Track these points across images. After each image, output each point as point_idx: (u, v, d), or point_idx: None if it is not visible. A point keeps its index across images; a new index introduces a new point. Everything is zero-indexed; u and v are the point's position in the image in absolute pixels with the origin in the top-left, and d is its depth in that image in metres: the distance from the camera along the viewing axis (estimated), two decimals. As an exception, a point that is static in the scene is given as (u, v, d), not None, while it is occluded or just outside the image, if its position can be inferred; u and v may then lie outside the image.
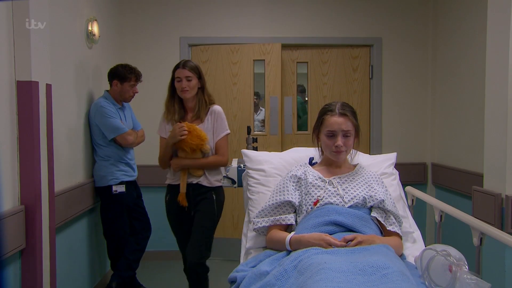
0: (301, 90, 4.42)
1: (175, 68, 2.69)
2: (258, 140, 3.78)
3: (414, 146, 4.28)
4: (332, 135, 1.92)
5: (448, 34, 3.90)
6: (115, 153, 3.14)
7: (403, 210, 2.12)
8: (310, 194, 1.89)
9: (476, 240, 1.94)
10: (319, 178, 1.94)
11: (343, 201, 1.86)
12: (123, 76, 3.13)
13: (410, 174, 4.13)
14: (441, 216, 2.26)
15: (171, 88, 2.72)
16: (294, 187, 1.94)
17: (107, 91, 3.21)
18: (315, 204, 1.86)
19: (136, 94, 3.23)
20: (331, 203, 1.85)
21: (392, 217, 1.87)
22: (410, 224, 2.11)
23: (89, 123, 3.15)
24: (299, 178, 1.95)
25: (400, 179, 2.27)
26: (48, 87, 2.30)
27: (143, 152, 3.80)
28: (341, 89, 4.29)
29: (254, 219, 1.97)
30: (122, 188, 3.13)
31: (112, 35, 3.80)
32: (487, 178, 2.69)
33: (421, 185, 4.17)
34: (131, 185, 3.24)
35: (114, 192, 3.11)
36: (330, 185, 1.91)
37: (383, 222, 1.84)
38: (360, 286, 1.37)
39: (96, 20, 3.21)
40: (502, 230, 2.45)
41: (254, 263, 1.79)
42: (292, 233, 1.81)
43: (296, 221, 1.90)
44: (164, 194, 2.83)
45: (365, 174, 1.99)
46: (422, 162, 4.26)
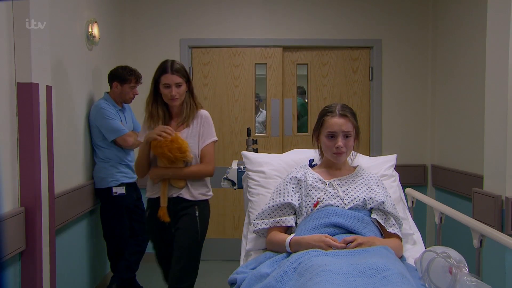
0: (301, 92, 4.42)
1: (162, 72, 2.35)
2: (259, 142, 3.78)
3: (414, 147, 4.27)
4: (332, 136, 1.92)
5: (448, 35, 3.91)
6: (115, 154, 3.14)
7: (403, 212, 2.12)
8: (310, 196, 1.89)
9: (476, 242, 1.94)
10: (319, 180, 1.94)
11: (343, 203, 1.86)
12: (123, 78, 3.13)
13: (410, 175, 4.13)
14: (441, 218, 2.25)
15: (154, 92, 2.41)
16: (294, 189, 1.94)
17: (107, 92, 3.22)
18: (315, 206, 1.86)
19: (136, 96, 3.24)
20: (331, 205, 1.85)
21: (392, 219, 1.87)
22: (410, 226, 2.11)
23: (89, 124, 3.15)
24: (299, 180, 1.95)
25: (400, 181, 2.27)
26: (48, 88, 2.30)
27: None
28: (341, 90, 4.29)
29: (254, 221, 1.97)
30: (122, 190, 3.13)
31: (113, 37, 3.80)
32: (487, 179, 2.69)
33: (421, 187, 4.17)
34: (131, 187, 3.24)
35: (114, 194, 3.11)
36: (330, 187, 1.91)
37: (383, 224, 1.84)
38: (360, 288, 1.37)
39: (96, 22, 3.22)
40: (502, 232, 2.45)
41: (254, 265, 1.79)
42: (292, 235, 1.81)
43: (296, 223, 1.90)
44: None
45: (365, 176, 1.99)
46: (422, 163, 4.26)
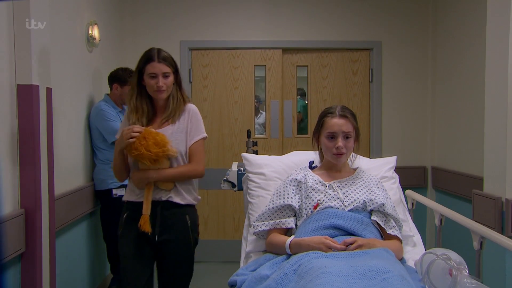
0: (301, 94, 4.43)
1: (147, 60, 2.11)
2: (258, 143, 3.78)
3: (414, 149, 4.27)
4: (332, 136, 1.92)
5: (448, 37, 3.91)
6: (115, 156, 3.14)
7: (403, 214, 2.12)
8: (310, 198, 1.89)
9: (476, 244, 1.94)
10: (319, 182, 1.94)
11: (343, 204, 1.86)
12: (123, 80, 3.14)
13: (410, 177, 4.13)
14: (441, 219, 2.25)
15: (138, 83, 2.16)
16: (294, 191, 1.94)
17: (107, 94, 3.22)
18: (315, 208, 1.86)
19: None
20: (331, 206, 1.85)
21: (392, 220, 1.87)
22: (410, 228, 2.11)
23: (89, 126, 3.15)
24: (299, 182, 1.95)
25: (400, 183, 2.27)
26: (49, 90, 2.30)
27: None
28: (341, 92, 4.29)
29: (254, 223, 1.97)
30: (122, 192, 3.12)
31: (113, 38, 3.81)
32: (487, 181, 2.69)
33: (421, 188, 4.16)
34: (131, 188, 3.24)
35: (114, 196, 3.11)
36: (330, 189, 1.91)
37: (383, 226, 1.84)
38: (360, 290, 1.37)
39: (96, 24, 3.22)
40: (502, 234, 2.45)
41: (254, 267, 1.79)
42: (292, 236, 1.81)
43: (296, 224, 1.90)
44: None
45: (365, 177, 1.99)
46: (422, 165, 4.26)
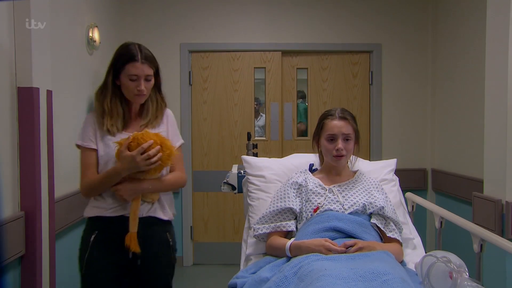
0: (301, 96, 4.43)
1: (128, 59, 1.86)
2: (258, 146, 3.78)
3: (414, 152, 4.27)
4: (332, 139, 1.93)
5: (448, 40, 3.92)
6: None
7: (403, 216, 2.12)
8: (311, 201, 1.89)
9: (476, 247, 1.94)
10: (319, 186, 1.94)
11: (343, 208, 1.86)
12: (123, 82, 3.13)
13: (410, 180, 4.13)
14: (441, 222, 2.25)
15: (112, 83, 1.90)
16: (295, 194, 1.94)
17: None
18: (315, 211, 1.86)
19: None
20: (331, 209, 1.85)
21: (392, 223, 1.87)
22: (410, 231, 2.11)
23: (89, 129, 3.15)
24: (300, 185, 1.95)
25: (400, 185, 2.27)
26: (49, 93, 2.30)
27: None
28: (341, 95, 4.30)
29: (254, 226, 1.97)
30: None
31: (113, 41, 3.81)
32: (487, 184, 2.69)
33: (421, 191, 4.16)
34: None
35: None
36: (330, 192, 1.92)
37: (383, 229, 1.84)
38: (360, 292, 1.37)
39: (97, 26, 3.22)
40: (502, 236, 2.45)
41: (254, 269, 1.79)
42: (292, 239, 1.81)
43: (296, 227, 1.90)
44: None
45: (365, 181, 1.99)
46: (422, 168, 4.26)
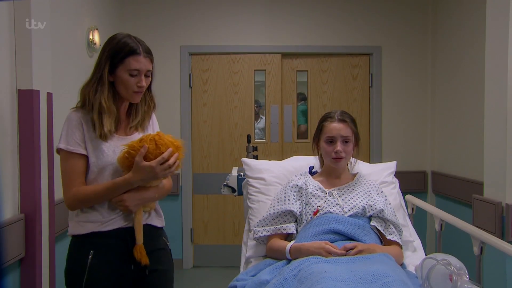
0: (302, 98, 4.44)
1: (129, 52, 1.63)
2: (258, 148, 3.78)
3: (414, 154, 4.27)
4: (331, 141, 1.93)
5: (448, 42, 3.92)
6: (115, 161, 3.12)
7: (403, 219, 2.12)
8: (311, 204, 1.89)
9: (476, 249, 1.94)
10: (319, 189, 1.95)
11: (343, 211, 1.86)
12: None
13: (410, 182, 4.13)
14: (441, 224, 2.25)
15: (109, 80, 1.66)
16: (295, 197, 1.94)
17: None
18: (315, 214, 1.86)
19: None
20: (331, 212, 1.85)
21: (392, 226, 1.87)
22: (410, 233, 2.11)
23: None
24: (300, 188, 1.95)
25: (400, 188, 2.27)
26: (49, 95, 2.31)
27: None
28: (341, 97, 4.30)
29: (254, 228, 1.97)
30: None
31: (113, 43, 3.81)
32: (487, 186, 2.69)
33: (421, 193, 4.16)
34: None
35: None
36: (330, 196, 1.92)
37: (382, 232, 1.84)
38: (360, 295, 1.37)
39: (97, 29, 3.23)
40: (502, 239, 2.45)
41: (254, 272, 1.78)
42: (292, 241, 1.81)
43: (296, 230, 1.90)
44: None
45: (364, 183, 1.99)
46: (422, 170, 4.26)
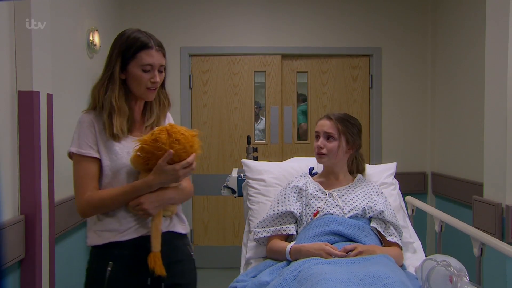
0: (303, 99, 4.44)
1: (141, 46, 1.54)
2: (258, 149, 3.78)
3: (414, 155, 4.27)
4: (317, 136, 2.00)
5: (448, 43, 3.92)
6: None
7: (403, 220, 2.12)
8: (311, 205, 1.89)
9: (476, 251, 1.94)
10: (319, 190, 1.95)
11: (343, 212, 1.86)
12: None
13: (410, 183, 4.12)
14: (441, 226, 2.25)
15: (120, 78, 1.58)
16: (295, 198, 1.94)
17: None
18: (315, 215, 1.86)
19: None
20: (331, 213, 1.85)
21: (392, 227, 1.87)
22: (410, 234, 2.11)
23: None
24: (301, 189, 1.96)
25: (400, 189, 2.27)
26: (49, 97, 2.31)
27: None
28: (341, 98, 4.30)
29: (255, 229, 1.97)
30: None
31: (113, 45, 3.82)
32: (487, 187, 2.69)
33: (421, 194, 4.16)
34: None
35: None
36: (330, 197, 1.92)
37: (382, 233, 1.84)
38: (360, 296, 1.37)
39: (97, 30, 3.23)
40: (502, 240, 2.45)
41: (254, 273, 1.79)
42: (292, 243, 1.81)
43: (296, 231, 1.90)
44: None
45: (364, 185, 1.99)
46: (422, 171, 4.26)
